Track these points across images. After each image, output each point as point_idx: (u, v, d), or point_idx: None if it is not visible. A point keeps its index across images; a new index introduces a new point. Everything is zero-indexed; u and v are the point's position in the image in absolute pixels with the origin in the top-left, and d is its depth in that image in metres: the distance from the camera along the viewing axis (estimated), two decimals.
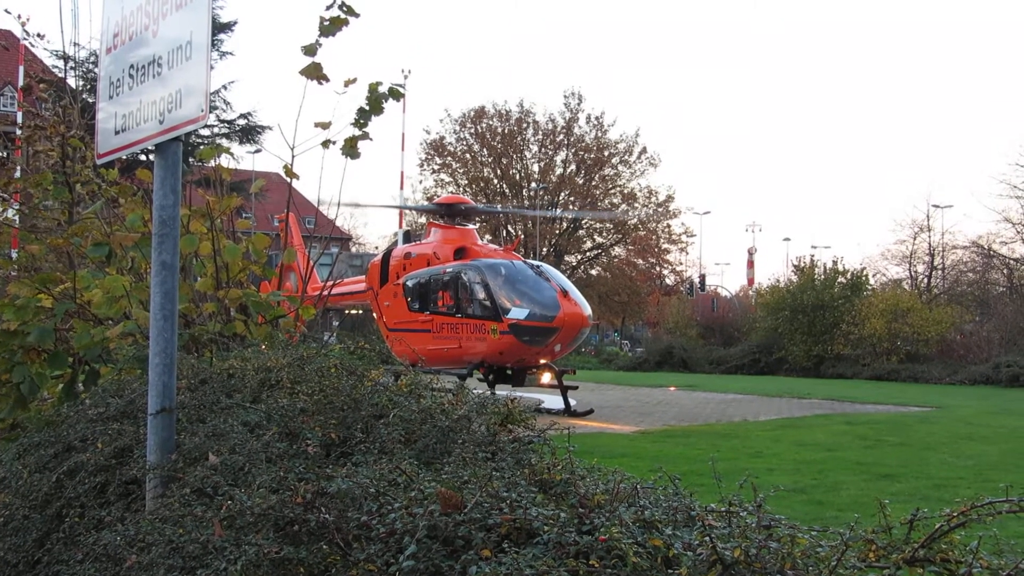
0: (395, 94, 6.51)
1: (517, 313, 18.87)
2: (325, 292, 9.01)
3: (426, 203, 21.65)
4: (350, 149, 6.50)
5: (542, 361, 19.96)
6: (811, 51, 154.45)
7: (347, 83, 6.26)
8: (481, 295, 19.56)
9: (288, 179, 6.98)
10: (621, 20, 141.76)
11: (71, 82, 11.81)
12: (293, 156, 6.79)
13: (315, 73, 6.11)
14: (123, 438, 4.27)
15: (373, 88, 6.50)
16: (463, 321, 19.84)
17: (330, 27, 6.14)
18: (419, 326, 20.96)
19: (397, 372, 4.74)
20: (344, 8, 6.06)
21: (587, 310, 19.65)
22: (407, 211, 46.11)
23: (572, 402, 19.72)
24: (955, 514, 2.40)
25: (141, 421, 4.33)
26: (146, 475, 3.85)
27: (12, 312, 6.26)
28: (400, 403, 3.90)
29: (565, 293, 19.20)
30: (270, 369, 4.56)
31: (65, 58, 11.75)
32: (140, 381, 4.96)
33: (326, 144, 6.50)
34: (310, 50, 6.12)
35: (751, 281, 74.77)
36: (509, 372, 20.43)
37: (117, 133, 4.84)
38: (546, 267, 20.57)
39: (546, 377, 20.38)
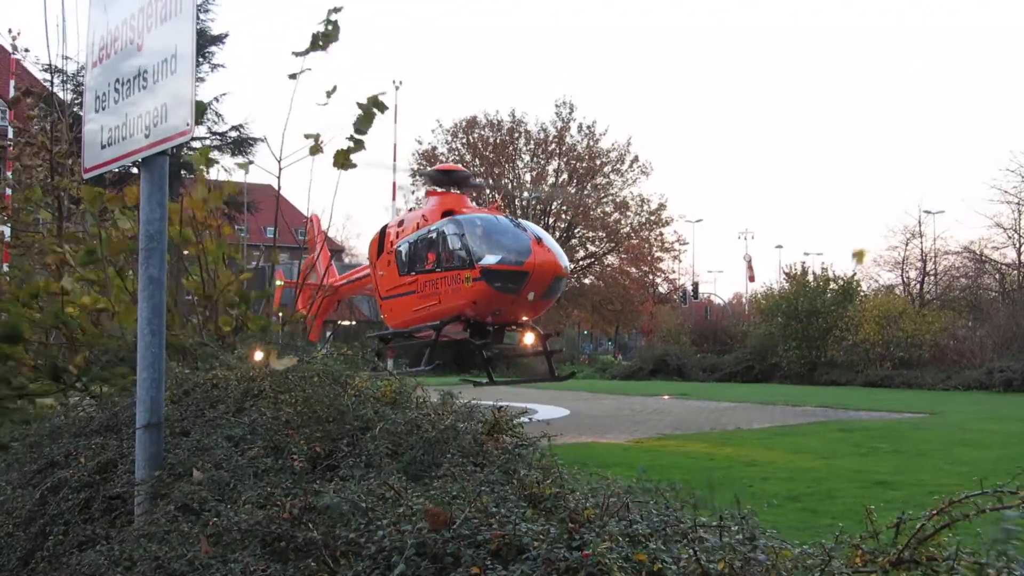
0: (379, 106, 6.50)
1: (489, 259, 18.68)
2: (343, 282, 8.98)
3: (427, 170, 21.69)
4: (343, 161, 6.49)
5: (523, 319, 19.82)
6: (802, 58, 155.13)
7: (328, 94, 6.27)
8: (457, 246, 19.44)
9: (277, 189, 6.95)
10: (612, 28, 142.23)
11: (60, 94, 11.75)
12: (280, 168, 6.76)
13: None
14: (106, 452, 4.23)
15: (372, 100, 6.50)
16: (441, 275, 19.71)
17: (325, 39, 6.17)
18: (406, 289, 20.92)
19: (378, 373, 4.69)
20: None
21: (563, 260, 19.40)
22: (400, 186, 45.91)
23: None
24: (935, 512, 2.38)
25: (125, 435, 4.29)
26: (132, 491, 3.80)
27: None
28: (386, 415, 3.86)
29: (539, 240, 18.99)
30: (253, 379, 4.52)
31: (52, 71, 11.71)
32: (123, 394, 4.92)
33: (314, 151, 6.48)
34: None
35: (752, 279, 74.72)
36: (489, 329, 20.12)
37: (104, 147, 4.81)
38: (527, 223, 20.46)
39: (529, 337, 20.28)
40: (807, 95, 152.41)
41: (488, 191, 59.36)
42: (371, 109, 6.46)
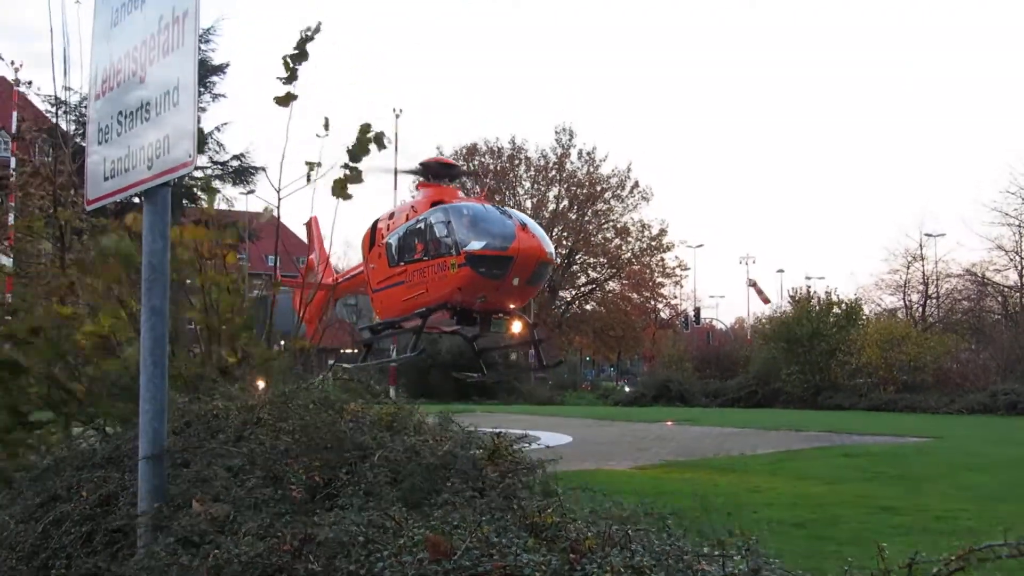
0: (379, 141, 6.53)
1: (474, 244, 18.71)
2: (340, 280, 9.00)
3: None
4: (340, 190, 6.51)
5: (511, 307, 19.80)
6: (801, 81, 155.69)
7: (325, 125, 6.31)
8: (443, 233, 19.46)
9: (276, 219, 6.98)
10: (612, 53, 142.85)
11: (63, 125, 11.83)
12: (280, 198, 6.80)
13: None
14: (108, 485, 4.22)
15: (364, 129, 6.52)
16: (428, 263, 19.71)
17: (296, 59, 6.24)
18: (396, 280, 20.89)
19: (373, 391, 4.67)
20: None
21: (548, 246, 19.40)
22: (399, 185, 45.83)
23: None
24: (953, 558, 2.36)
25: (127, 467, 4.28)
26: (134, 523, 3.80)
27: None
28: (384, 441, 3.86)
29: (524, 226, 19.03)
30: (252, 408, 4.52)
31: (56, 103, 11.79)
32: (127, 425, 4.92)
33: (310, 179, 6.51)
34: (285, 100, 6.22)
35: (766, 300, 74.70)
36: (476, 316, 20.09)
37: (106, 179, 4.84)
38: (513, 211, 20.51)
39: (516, 326, 20.28)
40: (806, 119, 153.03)
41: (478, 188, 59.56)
42: (367, 140, 6.49)
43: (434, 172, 22.17)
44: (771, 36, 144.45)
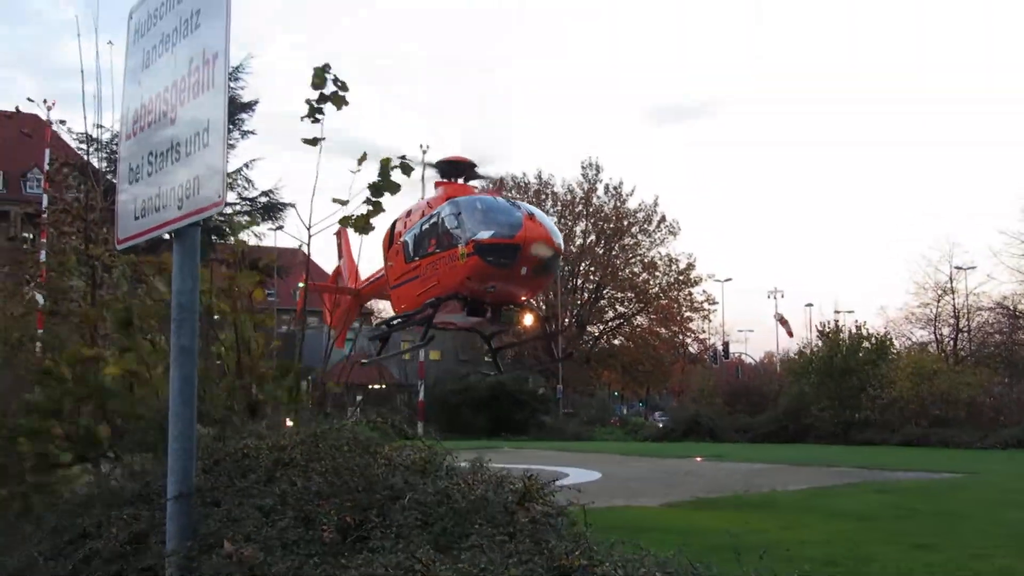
0: (406, 168, 6.58)
1: (482, 234, 18.99)
2: (363, 284, 9.02)
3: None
4: (362, 226, 6.56)
5: (521, 298, 19.99)
6: (827, 115, 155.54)
7: (360, 161, 6.36)
8: (454, 225, 19.76)
9: (307, 257, 7.03)
10: (638, 89, 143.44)
11: (94, 162, 12.00)
12: (310, 236, 6.85)
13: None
14: (138, 523, 4.23)
15: (385, 163, 6.56)
16: (440, 256, 20.01)
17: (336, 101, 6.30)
18: (411, 275, 21.19)
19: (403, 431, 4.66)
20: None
21: (556, 236, 19.66)
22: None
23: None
24: None
25: (157, 505, 4.29)
26: (164, 562, 3.79)
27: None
28: (415, 484, 3.84)
29: (531, 215, 19.32)
30: (283, 448, 4.52)
31: (88, 140, 11.97)
32: (155, 463, 4.93)
33: (344, 221, 6.56)
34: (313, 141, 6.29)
35: (791, 334, 74.16)
36: (487, 307, 20.27)
37: (137, 218, 4.88)
38: (523, 203, 20.69)
39: (528, 319, 20.44)
40: (833, 151, 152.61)
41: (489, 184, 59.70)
42: (388, 172, 6.53)
43: (451, 170, 22.50)
44: (797, 70, 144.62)
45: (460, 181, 22.09)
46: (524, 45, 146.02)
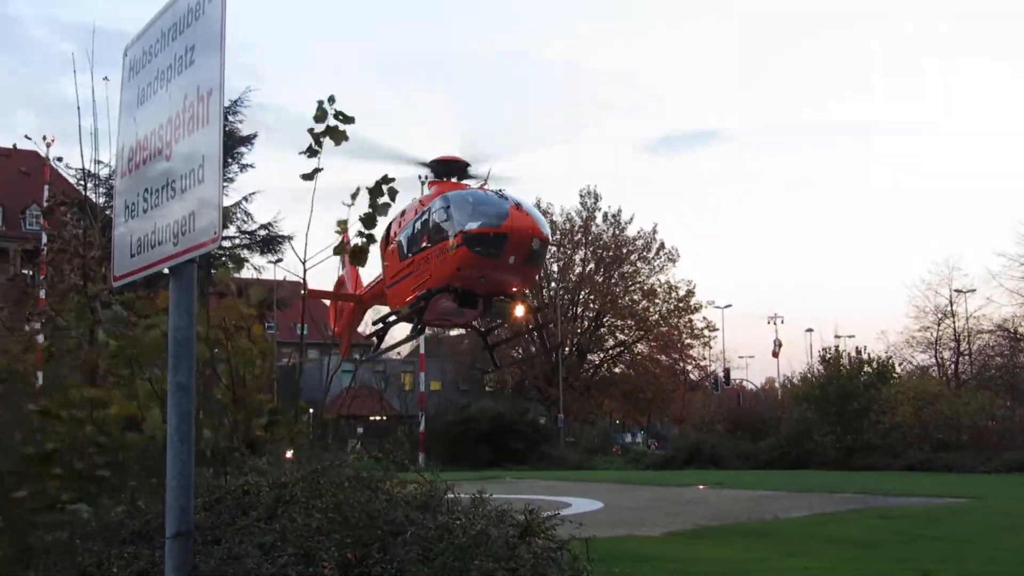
0: (392, 193, 6.63)
1: (470, 225, 19.22)
2: (365, 290, 8.99)
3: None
4: (357, 256, 6.61)
5: (511, 289, 20.14)
6: (826, 141, 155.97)
7: (353, 196, 6.40)
8: (443, 218, 20.02)
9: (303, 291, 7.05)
10: (638, 112, 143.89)
11: (92, 198, 12.02)
12: (305, 269, 6.88)
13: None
14: (139, 562, 4.19)
15: (375, 193, 6.61)
16: (431, 250, 20.28)
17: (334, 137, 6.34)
18: (405, 272, 21.52)
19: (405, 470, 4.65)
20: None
21: (543, 225, 20.05)
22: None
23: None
24: None
25: (157, 544, 4.26)
26: None
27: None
28: (416, 519, 3.82)
29: (518, 206, 19.68)
30: (285, 485, 4.50)
31: (86, 176, 12.01)
32: (155, 500, 4.90)
33: (338, 250, 6.64)
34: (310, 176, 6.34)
35: (775, 354, 74.12)
36: (478, 298, 20.44)
37: (133, 255, 4.88)
38: (510, 194, 20.89)
39: (519, 310, 20.59)
40: (831, 177, 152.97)
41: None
42: (377, 202, 6.58)
43: (444, 170, 22.69)
44: (795, 93, 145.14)
45: (454, 180, 22.39)
46: (507, 88, 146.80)
